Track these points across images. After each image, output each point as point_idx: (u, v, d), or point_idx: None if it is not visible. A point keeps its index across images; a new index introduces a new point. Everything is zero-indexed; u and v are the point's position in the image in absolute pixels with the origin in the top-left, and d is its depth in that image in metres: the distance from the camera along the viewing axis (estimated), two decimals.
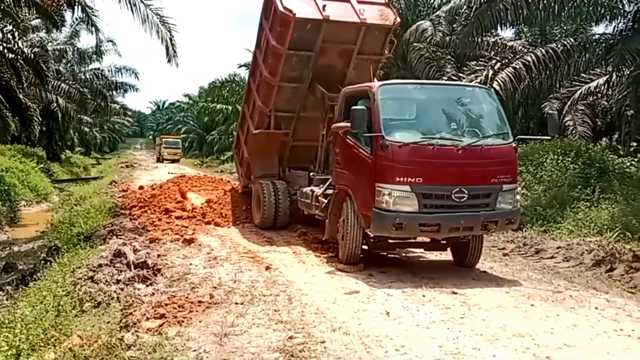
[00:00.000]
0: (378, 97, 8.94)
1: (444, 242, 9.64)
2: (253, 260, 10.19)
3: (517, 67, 18.21)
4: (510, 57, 19.91)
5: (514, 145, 9.22)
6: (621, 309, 7.55)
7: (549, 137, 13.40)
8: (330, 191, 10.38)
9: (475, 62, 21.50)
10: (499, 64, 19.58)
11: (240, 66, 47.37)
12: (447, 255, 10.41)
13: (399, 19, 12.76)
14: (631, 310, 7.49)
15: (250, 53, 29.93)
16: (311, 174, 12.71)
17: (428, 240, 9.69)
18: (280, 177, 14.17)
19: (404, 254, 10.83)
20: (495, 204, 8.84)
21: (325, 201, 10.55)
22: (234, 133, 20.10)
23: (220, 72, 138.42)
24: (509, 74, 18.20)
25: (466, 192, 8.63)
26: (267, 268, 9.50)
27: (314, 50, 12.37)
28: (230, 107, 48.91)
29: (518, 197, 9.30)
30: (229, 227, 13.94)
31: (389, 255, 10.54)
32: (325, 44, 12.34)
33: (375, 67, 11.59)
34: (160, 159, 55.98)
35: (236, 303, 7.48)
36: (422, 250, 10.45)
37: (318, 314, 7.11)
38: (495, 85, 17.49)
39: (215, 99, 51.89)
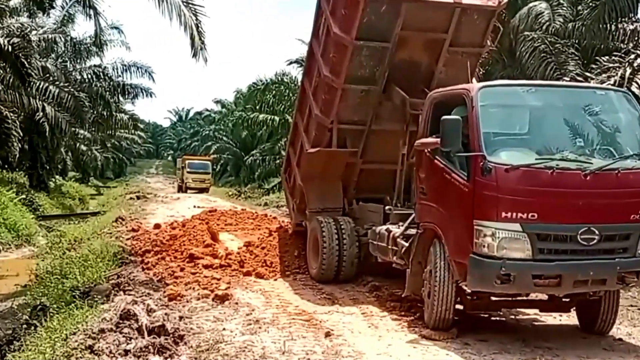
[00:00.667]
0: (478, 104, 9.14)
1: (567, 300, 9.83)
2: (308, 324, 10.42)
3: None
4: None
5: None
6: None
7: None
8: (412, 231, 10.61)
9: (607, 57, 20.84)
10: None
11: (290, 62, 47.28)
12: (570, 318, 10.47)
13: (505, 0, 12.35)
14: None
15: (304, 45, 29.93)
16: (387, 207, 12.74)
17: (545, 297, 9.96)
18: (346, 212, 14.08)
19: (512, 316, 10.94)
20: (637, 248, 8.97)
21: (406, 244, 10.79)
22: (283, 152, 20.32)
23: (264, 71, 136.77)
24: None
25: (597, 232, 8.74)
26: (327, 335, 9.70)
27: (391, 41, 12.39)
28: (277, 118, 49.33)
29: None
30: (275, 280, 14.29)
31: (492, 318, 10.67)
32: (405, 31, 12.35)
33: (474, 64, 11.70)
34: (182, 188, 58.06)
35: None
36: (536, 311, 10.65)
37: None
38: (635, 88, 17.38)
39: (258, 107, 51.04)
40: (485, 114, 9.09)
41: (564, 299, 9.70)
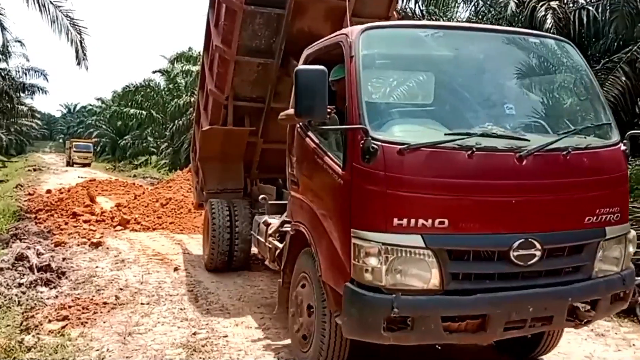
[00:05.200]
0: (359, 53, 4.61)
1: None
2: (162, 262, 10.18)
3: None
4: None
5: (622, 148, 4.86)
6: None
7: None
8: (286, 227, 6.07)
9: None
10: None
11: (154, 72, 46.21)
12: None
13: None
14: None
15: (165, 60, 27.81)
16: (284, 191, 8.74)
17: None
18: (247, 194, 10.19)
19: None
20: (593, 265, 4.62)
21: (280, 246, 6.24)
22: (149, 138, 17.53)
23: (135, 77, 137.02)
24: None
25: (538, 245, 4.31)
26: (176, 269, 9.51)
27: (286, 7, 8.41)
28: (144, 113, 46.77)
29: (631, 248, 4.90)
30: (138, 231, 13.67)
31: None
32: None
33: None
34: (70, 163, 55.87)
35: (142, 303, 7.56)
36: None
37: (223, 310, 7.34)
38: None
39: (129, 104, 50.30)
40: (370, 68, 4.75)
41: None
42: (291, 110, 5.08)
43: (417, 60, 5.28)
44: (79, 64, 17.13)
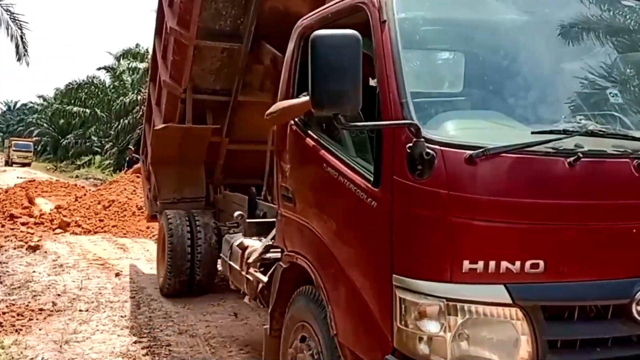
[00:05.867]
0: (394, 17, 3.14)
1: None
2: (102, 267, 9.94)
3: None
4: None
5: None
6: None
7: None
8: (273, 254, 4.79)
9: None
10: None
11: (99, 69, 44.72)
12: None
13: None
14: None
15: (111, 57, 27.33)
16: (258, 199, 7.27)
17: None
18: (210, 202, 8.81)
19: None
20: None
21: (264, 279, 4.78)
22: (94, 137, 16.99)
23: (79, 74, 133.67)
24: None
25: None
26: (117, 275, 9.23)
27: None
28: (88, 111, 45.63)
29: None
30: (79, 234, 13.29)
31: None
32: None
33: None
34: (9, 163, 54.84)
35: (80, 310, 7.36)
36: None
37: (166, 318, 7.12)
38: None
39: (72, 102, 49.20)
40: (412, 38, 3.30)
41: None
42: (286, 103, 4.00)
43: (476, 27, 3.56)
44: (19, 59, 17.44)
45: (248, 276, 5.13)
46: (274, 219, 4.76)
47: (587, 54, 3.56)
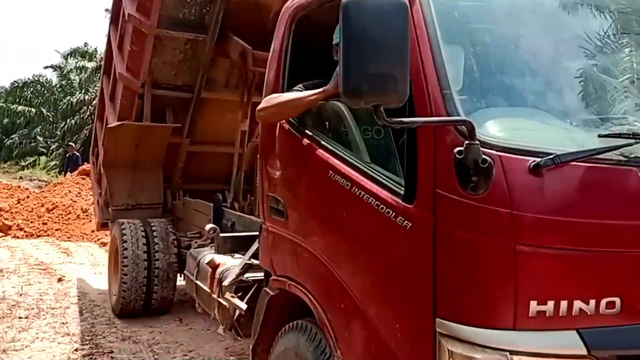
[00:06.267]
0: None
1: None
2: (44, 272, 9.80)
3: None
4: None
5: None
6: None
7: None
8: (256, 274, 4.22)
9: None
10: None
11: (46, 67, 43.24)
12: None
13: None
14: None
15: (58, 55, 26.84)
16: (216, 205, 6.90)
17: None
18: (168, 209, 8.20)
19: None
20: None
21: (243, 307, 4.15)
22: (39, 138, 16.40)
23: (24, 73, 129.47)
24: None
25: None
26: (59, 280, 9.04)
27: None
28: (34, 110, 44.24)
29: None
30: (21, 238, 13.26)
31: None
32: None
33: None
34: None
35: (20, 317, 7.21)
36: None
37: (109, 324, 6.99)
38: None
39: (17, 100, 47.87)
40: (449, 16, 2.64)
41: None
42: (285, 97, 3.27)
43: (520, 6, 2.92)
44: None
45: (221, 300, 4.43)
46: (253, 233, 4.28)
47: None
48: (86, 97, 32.85)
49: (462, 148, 2.17)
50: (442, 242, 2.26)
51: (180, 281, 7.07)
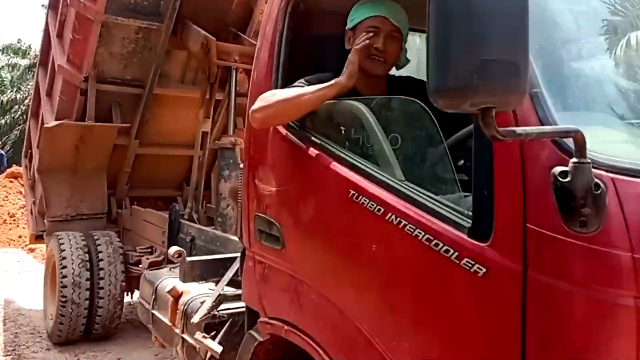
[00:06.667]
0: None
1: None
2: None
3: None
4: None
5: None
6: None
7: None
8: (233, 307, 3.48)
9: None
10: None
11: None
12: None
13: None
14: None
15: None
16: (173, 214, 6.10)
17: None
18: (113, 220, 7.39)
19: None
20: None
21: (218, 350, 3.26)
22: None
23: None
24: None
25: None
26: None
27: None
28: None
29: None
30: None
31: None
32: None
33: None
34: None
35: None
36: None
37: (34, 333, 6.83)
38: None
39: None
40: None
41: None
42: (288, 94, 2.58)
43: None
44: None
45: (186, 337, 3.72)
46: (225, 255, 3.69)
47: None
48: (18, 95, 31.71)
49: (566, 168, 1.56)
50: (538, 298, 1.64)
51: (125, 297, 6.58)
